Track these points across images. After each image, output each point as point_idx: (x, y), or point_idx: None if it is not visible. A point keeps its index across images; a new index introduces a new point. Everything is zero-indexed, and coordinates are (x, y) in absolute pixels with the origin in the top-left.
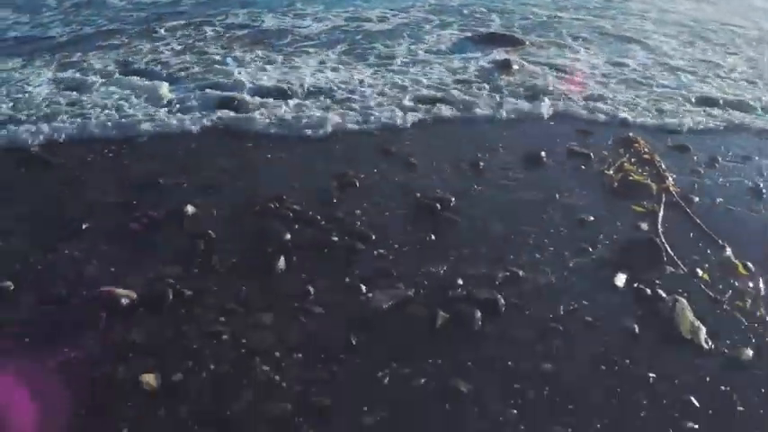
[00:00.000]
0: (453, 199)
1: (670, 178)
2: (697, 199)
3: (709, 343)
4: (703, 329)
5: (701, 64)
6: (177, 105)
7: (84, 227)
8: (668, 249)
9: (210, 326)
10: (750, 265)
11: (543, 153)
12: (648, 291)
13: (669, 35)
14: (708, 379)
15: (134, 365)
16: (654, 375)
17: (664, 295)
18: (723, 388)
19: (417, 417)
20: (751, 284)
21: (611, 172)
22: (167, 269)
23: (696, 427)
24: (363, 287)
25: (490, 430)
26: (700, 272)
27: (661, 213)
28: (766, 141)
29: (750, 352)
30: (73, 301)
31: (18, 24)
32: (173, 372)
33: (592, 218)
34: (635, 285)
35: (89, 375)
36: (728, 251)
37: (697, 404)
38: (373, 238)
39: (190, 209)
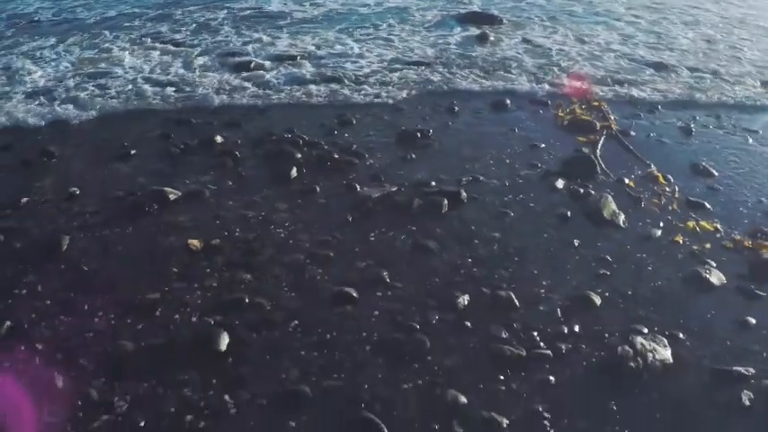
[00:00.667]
0: (431, 130)
1: (612, 118)
2: (633, 134)
3: (626, 224)
4: (622, 215)
5: (660, 39)
6: (203, 68)
7: (132, 152)
8: (602, 165)
9: (239, 210)
10: (670, 177)
11: (508, 101)
12: (581, 190)
13: (637, 15)
14: (620, 245)
15: (182, 235)
16: (579, 241)
17: (593, 193)
18: (634, 253)
19: (396, 263)
20: (668, 189)
21: (563, 113)
22: (203, 177)
23: (608, 273)
24: (357, 186)
25: (450, 272)
26: (626, 180)
27: (600, 142)
28: (700, 94)
29: (658, 232)
30: (130, 199)
31: (43, 9)
32: (212, 238)
33: (543, 145)
34: (571, 187)
35: (150, 242)
36: (653, 167)
37: (610, 259)
38: (366, 156)
39: (218, 138)
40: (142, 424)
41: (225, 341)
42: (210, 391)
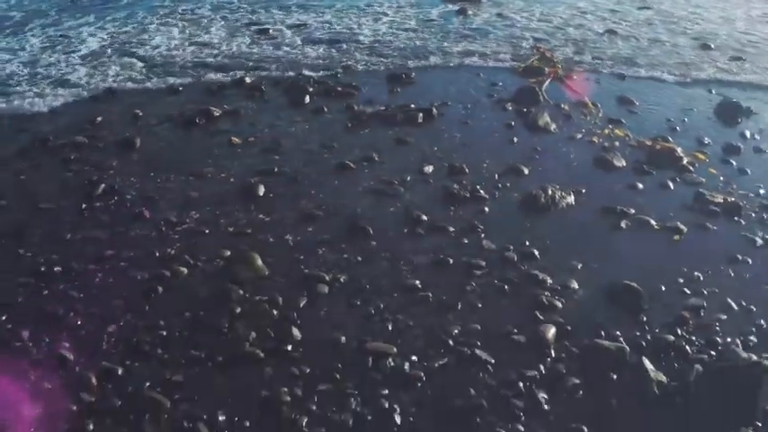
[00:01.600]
0: (414, 73)
1: (560, 66)
2: (575, 77)
3: (555, 130)
4: (554, 124)
5: (613, 14)
6: (230, 33)
7: (180, 89)
8: (544, 95)
9: (267, 121)
10: (598, 104)
11: (476, 56)
12: (525, 110)
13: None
14: (549, 142)
15: (225, 135)
16: (518, 139)
17: (535, 112)
18: (558, 146)
19: (383, 150)
20: (594, 111)
21: (520, 64)
22: (239, 103)
23: (537, 157)
24: (356, 106)
25: (421, 155)
26: (562, 105)
27: (546, 82)
28: (638, 50)
29: (579, 135)
30: (184, 115)
31: None
32: (248, 137)
33: (500, 83)
34: (517, 108)
35: (201, 139)
36: (586, 98)
37: (539, 149)
38: (362, 89)
39: (247, 78)
40: (207, 231)
41: (261, 190)
42: (253, 213)
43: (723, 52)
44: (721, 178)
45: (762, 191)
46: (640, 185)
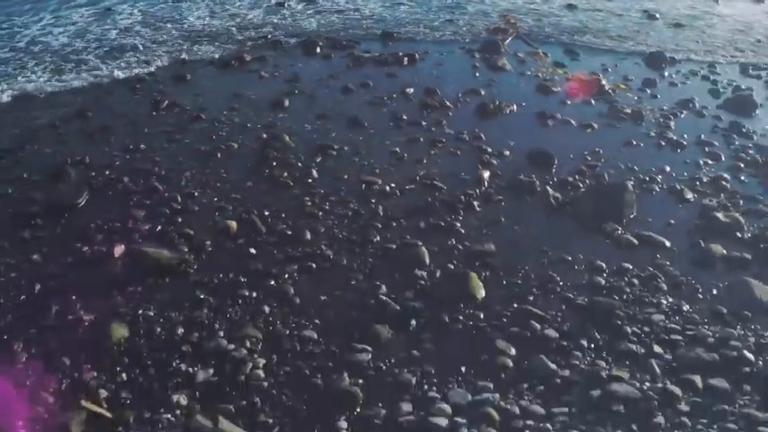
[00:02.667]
0: (400, 30)
1: (519, 27)
2: (532, 37)
3: (511, 69)
4: (510, 65)
5: None
6: (251, 7)
7: (216, 43)
8: (505, 47)
9: (286, 63)
10: (548, 54)
11: (452, 24)
12: (488, 56)
13: None
14: (504, 76)
15: (255, 73)
16: (479, 74)
17: (496, 57)
18: (511, 79)
19: (376, 79)
20: (543, 58)
21: (489, 27)
22: (265, 52)
23: (491, 85)
24: (356, 53)
25: (404, 82)
26: (520, 54)
27: (509, 39)
28: (592, 21)
29: (529, 72)
30: (219, 60)
31: None
32: (273, 72)
33: (468, 39)
34: (482, 56)
35: (235, 75)
36: (540, 51)
37: (495, 80)
38: (361, 43)
39: (269, 35)
40: (248, 125)
41: (287, 102)
42: (280, 115)
43: (666, 21)
44: (635, 98)
45: (665, 107)
46: (569, 102)
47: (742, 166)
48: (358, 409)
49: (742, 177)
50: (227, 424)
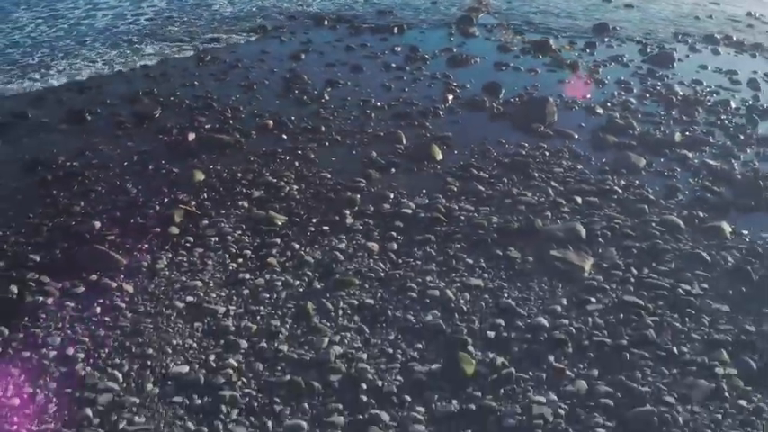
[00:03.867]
0: (393, 9)
1: (490, 5)
2: (501, 13)
3: (480, 36)
4: (479, 33)
5: None
6: None
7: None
8: (476, 21)
9: (300, 32)
10: (512, 24)
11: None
12: (462, 27)
13: None
14: (474, 40)
15: (276, 37)
16: (453, 39)
17: (468, 27)
18: (480, 44)
19: (370, 43)
20: (507, 28)
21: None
22: (281, 24)
23: (463, 46)
24: (356, 24)
25: (395, 45)
26: (488, 26)
27: (480, 14)
28: (554, 4)
29: (494, 38)
30: (241, 29)
31: None
32: (290, 37)
33: (446, 18)
34: (457, 27)
35: (261, 37)
36: (504, 22)
37: (466, 43)
38: (363, 17)
39: (284, 13)
40: (275, 70)
41: (303, 56)
42: (296, 64)
43: (617, 4)
44: (576, 54)
45: (598, 60)
46: (521, 57)
47: (648, 95)
48: (357, 207)
49: (645, 102)
50: (273, 214)
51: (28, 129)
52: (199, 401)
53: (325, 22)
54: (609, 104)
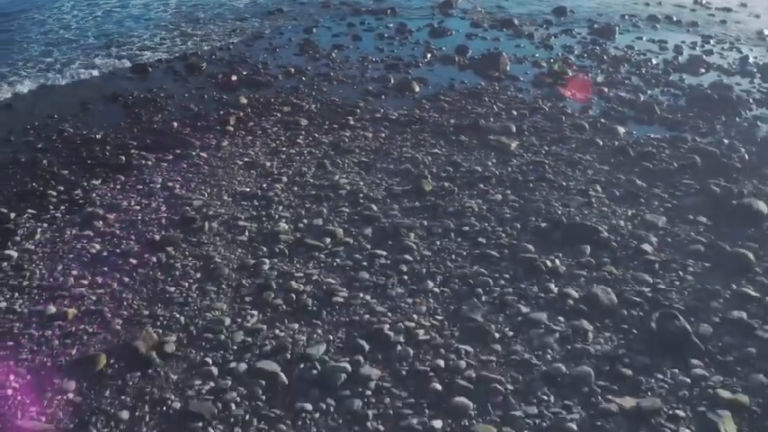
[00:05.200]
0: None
1: None
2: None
3: (458, 16)
4: (456, 14)
5: None
6: None
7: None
8: (456, 5)
9: (308, 12)
10: (484, 8)
11: None
12: (443, 9)
13: None
14: (454, 20)
15: (291, 17)
16: (435, 16)
17: (448, 9)
18: (456, 20)
19: (368, 21)
20: (480, 10)
21: None
22: (294, 7)
23: (443, 22)
24: (357, 7)
25: (388, 23)
26: (465, 9)
27: (459, 1)
28: None
29: (470, 19)
30: (263, 9)
31: None
32: (300, 19)
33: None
34: (439, 10)
35: (277, 17)
36: (478, 7)
37: (444, 20)
38: (360, 2)
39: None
40: (289, 44)
41: (314, 31)
42: (307, 38)
43: None
44: (534, 29)
45: (550, 32)
46: (489, 30)
47: (585, 56)
48: (357, 116)
49: (582, 60)
50: (299, 118)
51: (102, 77)
52: (257, 203)
53: (331, 6)
54: (552, 60)
